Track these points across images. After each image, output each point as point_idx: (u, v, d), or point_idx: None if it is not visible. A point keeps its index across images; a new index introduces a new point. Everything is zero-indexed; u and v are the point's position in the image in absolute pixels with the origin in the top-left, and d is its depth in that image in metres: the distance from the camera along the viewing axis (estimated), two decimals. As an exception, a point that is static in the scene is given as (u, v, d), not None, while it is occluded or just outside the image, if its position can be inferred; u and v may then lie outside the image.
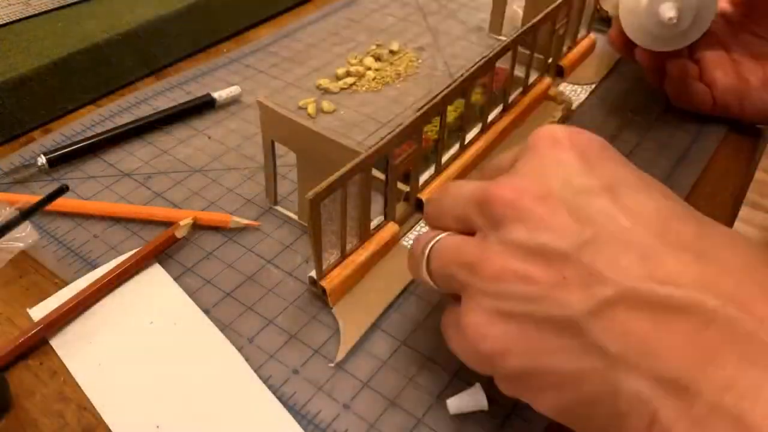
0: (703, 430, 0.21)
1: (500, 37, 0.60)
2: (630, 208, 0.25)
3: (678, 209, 0.25)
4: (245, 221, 0.40)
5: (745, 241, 0.25)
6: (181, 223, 0.39)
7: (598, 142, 0.27)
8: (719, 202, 0.44)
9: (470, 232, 0.28)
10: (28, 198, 0.40)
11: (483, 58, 0.41)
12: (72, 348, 0.34)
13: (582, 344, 0.23)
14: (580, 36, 0.56)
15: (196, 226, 0.40)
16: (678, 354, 0.22)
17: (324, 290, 0.35)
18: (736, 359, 0.21)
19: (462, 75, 0.39)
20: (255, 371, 0.33)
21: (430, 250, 0.29)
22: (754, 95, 0.47)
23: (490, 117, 0.46)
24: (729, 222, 0.44)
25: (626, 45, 0.49)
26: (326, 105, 0.51)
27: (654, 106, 0.51)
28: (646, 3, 0.45)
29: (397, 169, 0.37)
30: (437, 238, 0.29)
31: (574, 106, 0.51)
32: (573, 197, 0.25)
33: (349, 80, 0.54)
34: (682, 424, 0.21)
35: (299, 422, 0.31)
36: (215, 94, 0.50)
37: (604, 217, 0.24)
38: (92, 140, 0.46)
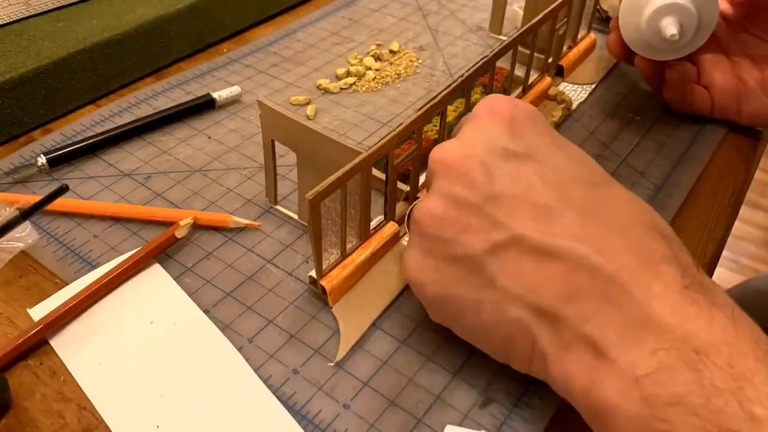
0: (568, 350, 0.27)
1: (500, 37, 0.60)
2: (536, 171, 0.29)
3: (580, 174, 0.30)
4: (245, 221, 0.40)
5: (634, 203, 0.29)
6: (181, 223, 0.39)
7: (527, 113, 0.32)
8: (719, 202, 0.44)
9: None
10: (28, 198, 0.40)
11: (483, 57, 0.41)
12: (72, 348, 0.34)
13: (480, 278, 0.29)
14: (580, 36, 0.56)
15: (196, 226, 0.40)
16: (551, 290, 0.27)
17: (324, 289, 0.35)
18: (595, 297, 0.26)
19: (462, 75, 0.39)
20: (255, 371, 0.33)
21: (408, 212, 0.34)
22: (751, 98, 0.47)
23: (490, 117, 0.46)
24: (729, 222, 0.44)
25: (625, 52, 0.49)
26: (309, 110, 0.51)
27: (654, 106, 0.51)
28: (647, 18, 0.45)
29: (397, 169, 0.37)
30: (412, 204, 0.34)
31: (574, 106, 0.51)
32: (490, 158, 0.30)
33: (349, 80, 0.54)
34: (554, 346, 0.27)
35: (299, 422, 0.31)
36: (215, 94, 0.50)
37: (512, 177, 0.29)
38: (92, 140, 0.46)
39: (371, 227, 0.38)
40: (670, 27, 0.44)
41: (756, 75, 0.47)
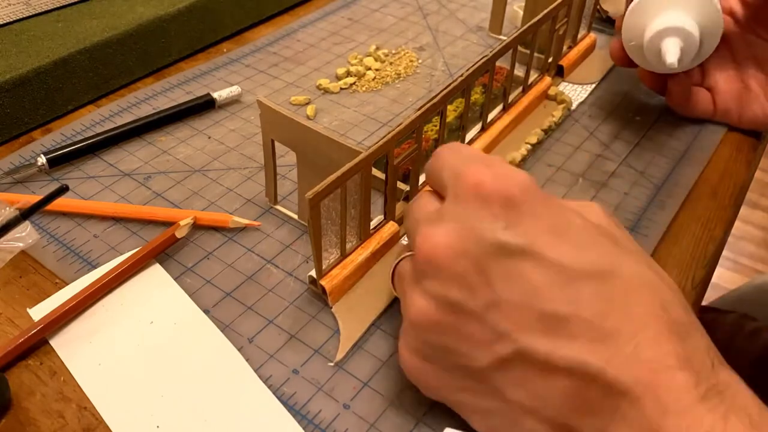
0: None
1: (500, 37, 0.60)
2: (538, 271, 0.26)
3: (585, 266, 0.26)
4: (245, 221, 0.40)
5: (646, 291, 0.26)
6: (181, 223, 0.39)
7: (521, 190, 0.27)
8: (719, 202, 0.44)
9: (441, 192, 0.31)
10: (28, 198, 0.40)
11: (483, 57, 0.41)
12: (72, 348, 0.34)
13: (488, 389, 0.28)
14: (580, 35, 0.56)
15: (196, 226, 0.40)
16: (564, 404, 0.26)
17: (324, 289, 0.35)
18: (609, 412, 0.25)
19: (462, 74, 0.39)
20: (255, 371, 0.33)
21: (393, 267, 0.33)
22: (752, 102, 0.47)
23: (490, 116, 0.46)
24: (729, 222, 0.44)
25: (627, 60, 0.48)
26: (310, 110, 0.51)
27: (654, 106, 0.51)
28: (647, 39, 0.44)
29: (397, 169, 0.37)
30: (397, 260, 0.32)
31: (574, 106, 0.51)
32: (485, 258, 0.27)
33: (349, 80, 0.54)
34: None
35: (299, 422, 0.31)
36: (215, 94, 0.50)
37: (512, 279, 0.26)
38: (92, 140, 0.46)
39: (371, 227, 0.38)
40: (669, 55, 0.43)
41: (760, 78, 0.47)
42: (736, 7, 0.48)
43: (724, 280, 1.44)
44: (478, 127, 0.46)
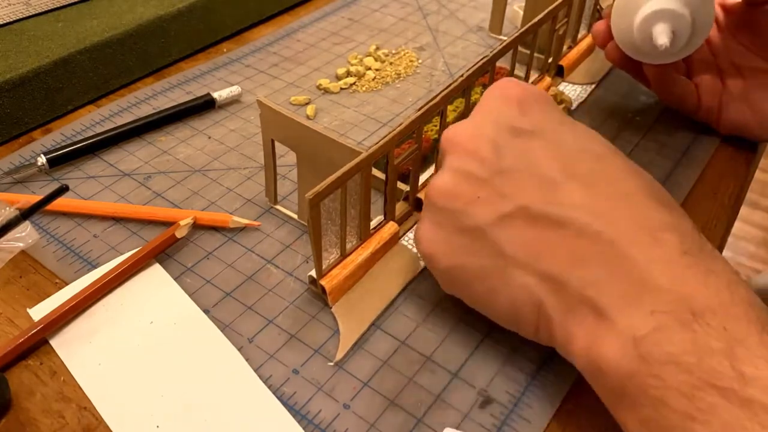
0: (572, 313, 0.28)
1: (500, 37, 0.60)
2: (542, 146, 0.31)
3: (583, 147, 0.31)
4: (245, 221, 0.40)
5: (637, 174, 0.30)
6: (181, 223, 0.39)
7: (535, 94, 0.34)
8: (719, 202, 0.44)
9: None
10: (28, 198, 0.40)
11: (483, 57, 0.41)
12: (72, 348, 0.34)
13: (488, 247, 0.30)
14: (580, 36, 0.56)
15: (196, 226, 0.40)
16: (556, 256, 0.28)
17: (324, 289, 0.35)
18: (597, 262, 0.27)
19: (462, 74, 0.39)
20: (255, 371, 0.33)
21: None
22: (730, 105, 0.47)
23: (490, 117, 0.46)
24: (729, 222, 0.44)
25: (608, 38, 0.47)
26: (310, 110, 0.51)
27: (654, 106, 0.51)
28: (638, 22, 0.43)
29: (397, 169, 0.37)
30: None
31: (574, 106, 0.51)
32: (499, 136, 0.32)
33: (349, 80, 0.54)
34: (559, 309, 0.29)
35: (299, 422, 0.31)
36: (215, 94, 0.50)
37: (520, 153, 0.31)
38: (92, 140, 0.46)
39: (371, 227, 0.38)
40: (661, 36, 0.42)
41: (739, 84, 0.47)
42: (719, 14, 0.48)
43: (724, 280, 1.44)
44: (478, 127, 0.46)
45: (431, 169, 0.42)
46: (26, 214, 0.38)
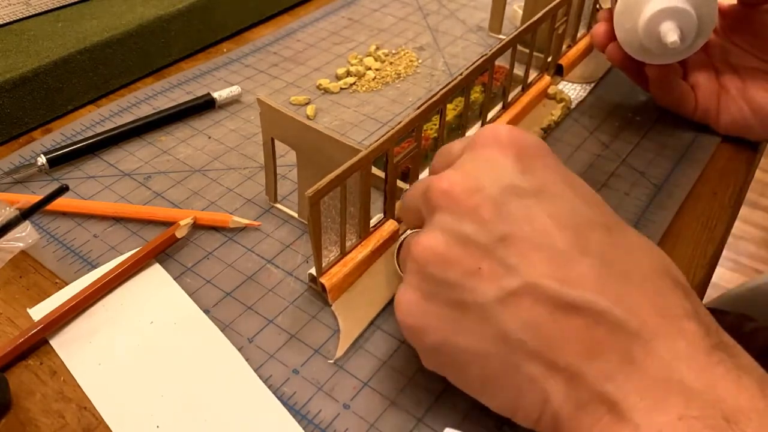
0: (584, 411, 0.25)
1: (500, 37, 0.60)
2: (549, 212, 0.27)
3: (595, 216, 0.27)
4: (245, 221, 0.40)
5: (649, 250, 0.27)
6: (181, 223, 0.39)
7: (535, 145, 0.29)
8: (719, 202, 0.44)
9: (421, 223, 0.30)
10: (28, 198, 0.40)
11: (482, 56, 0.41)
12: (72, 348, 0.34)
13: (489, 328, 0.26)
14: (579, 34, 0.56)
15: (196, 226, 0.40)
16: (570, 346, 0.25)
17: (324, 287, 0.35)
18: (616, 354, 0.24)
19: (462, 73, 0.39)
20: (255, 371, 0.33)
21: (399, 244, 0.34)
22: (730, 105, 0.47)
23: (490, 115, 0.46)
24: (729, 222, 0.44)
25: (609, 40, 0.47)
26: (310, 110, 0.51)
27: (654, 106, 0.51)
28: (645, 21, 0.42)
29: (396, 167, 0.37)
30: (403, 236, 0.33)
31: (573, 105, 0.51)
32: (500, 195, 0.27)
33: (349, 80, 0.54)
34: (568, 405, 0.25)
35: (299, 422, 0.31)
36: (215, 94, 0.50)
37: (524, 217, 0.27)
38: (92, 140, 0.46)
39: (371, 225, 0.38)
40: (671, 33, 0.41)
41: (737, 83, 0.47)
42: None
43: (724, 280, 1.44)
44: (477, 125, 0.46)
45: (431, 169, 0.42)
46: (26, 214, 0.38)
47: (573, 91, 0.53)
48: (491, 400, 0.28)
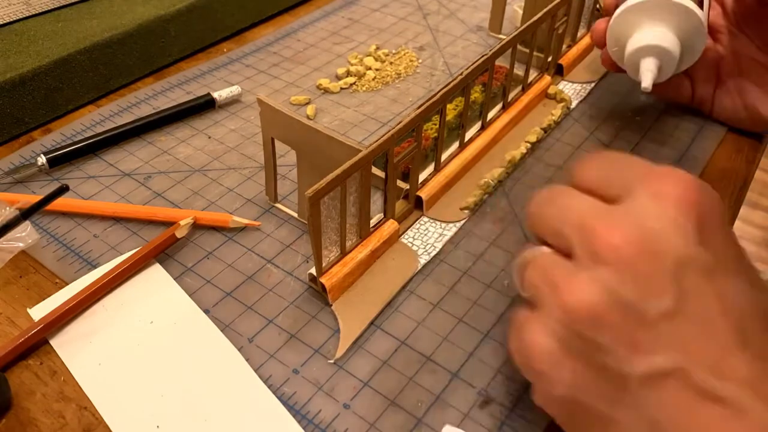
0: None
1: (500, 36, 0.60)
2: (720, 294, 0.25)
3: (760, 304, 0.25)
4: (245, 221, 0.40)
5: None
6: (182, 223, 0.39)
7: (718, 209, 0.26)
8: (719, 201, 0.44)
9: (565, 251, 0.27)
10: (28, 198, 0.40)
11: (482, 56, 0.41)
12: (72, 348, 0.34)
13: (627, 399, 0.25)
14: (579, 34, 0.56)
15: (196, 226, 0.40)
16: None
17: (324, 287, 0.35)
18: None
19: (462, 73, 0.39)
20: (255, 371, 0.33)
21: (525, 260, 0.29)
22: (725, 98, 0.48)
23: (490, 115, 0.46)
24: (729, 222, 0.44)
25: (609, 61, 0.47)
26: (310, 110, 0.51)
27: (654, 106, 0.51)
28: (628, 53, 0.42)
29: (396, 167, 0.37)
30: (537, 252, 0.29)
31: (573, 105, 0.51)
32: (676, 264, 0.24)
33: (349, 80, 0.54)
34: None
35: (299, 422, 0.31)
36: (215, 94, 0.50)
37: (695, 296, 0.24)
38: (92, 140, 0.46)
39: (371, 225, 0.38)
40: (646, 76, 0.41)
41: (735, 74, 0.47)
42: (729, 1, 0.48)
43: (725, 280, 1.44)
44: (477, 125, 0.46)
45: (431, 168, 0.42)
46: (26, 214, 0.38)
47: (573, 91, 0.53)
48: None
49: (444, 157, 0.43)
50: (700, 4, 0.42)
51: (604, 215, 0.26)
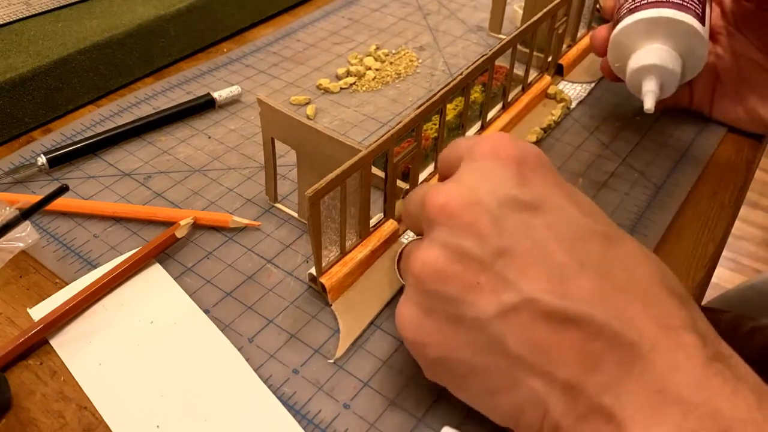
0: (584, 423, 0.25)
1: (500, 36, 0.60)
2: (548, 224, 0.27)
3: (593, 227, 0.27)
4: (245, 221, 0.40)
5: (647, 260, 0.27)
6: (182, 223, 0.39)
7: (534, 157, 0.29)
8: (719, 202, 0.44)
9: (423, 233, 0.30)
10: (28, 198, 0.40)
11: (482, 56, 0.41)
12: (72, 348, 0.34)
13: (489, 342, 0.26)
14: (579, 34, 0.56)
15: (196, 226, 0.40)
16: (568, 359, 0.25)
17: (323, 287, 0.35)
18: (615, 367, 0.24)
19: (462, 73, 0.39)
20: (255, 371, 0.33)
21: (400, 252, 0.34)
22: (724, 102, 0.48)
23: (490, 115, 0.46)
24: (729, 222, 0.44)
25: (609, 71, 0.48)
26: (310, 110, 0.51)
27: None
28: (629, 72, 0.42)
29: (396, 167, 0.37)
30: (404, 243, 0.32)
31: (573, 105, 0.51)
32: (498, 208, 0.27)
33: (349, 80, 0.54)
34: (568, 417, 0.25)
35: (299, 422, 0.31)
36: (215, 94, 0.50)
37: (523, 230, 0.27)
38: (92, 140, 0.46)
39: (371, 225, 0.38)
40: (648, 97, 0.41)
41: (734, 77, 0.47)
42: (728, 1, 0.48)
43: (724, 280, 1.44)
44: (477, 125, 0.46)
45: (431, 167, 0.42)
46: (26, 214, 0.38)
47: (573, 91, 0.53)
48: (492, 413, 0.28)
49: (444, 157, 0.43)
50: (702, 18, 0.42)
51: (436, 187, 0.28)
